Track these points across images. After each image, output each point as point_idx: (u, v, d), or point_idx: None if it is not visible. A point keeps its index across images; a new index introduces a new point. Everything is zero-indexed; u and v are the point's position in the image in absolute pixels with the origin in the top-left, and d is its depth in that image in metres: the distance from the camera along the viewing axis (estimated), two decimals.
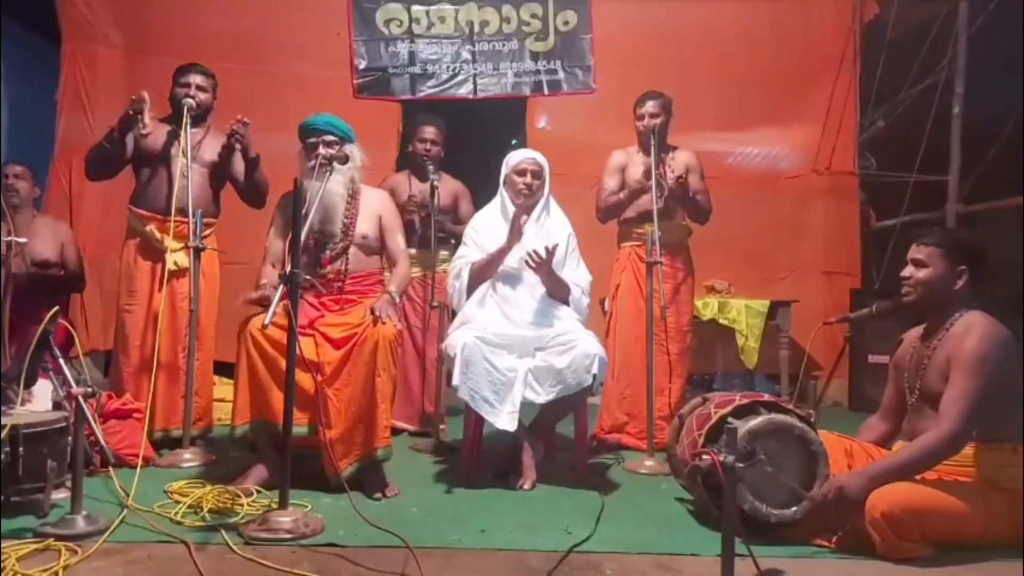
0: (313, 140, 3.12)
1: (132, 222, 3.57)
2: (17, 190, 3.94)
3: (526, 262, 3.14)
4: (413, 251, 3.87)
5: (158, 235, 3.45)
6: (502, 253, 3.23)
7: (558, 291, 3.27)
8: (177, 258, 3.42)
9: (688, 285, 4.00)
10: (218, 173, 3.61)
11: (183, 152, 3.34)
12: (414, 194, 4.10)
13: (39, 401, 2.67)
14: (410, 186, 4.17)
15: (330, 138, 3.12)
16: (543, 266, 3.13)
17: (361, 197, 3.24)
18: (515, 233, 3.18)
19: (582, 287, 3.34)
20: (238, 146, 3.44)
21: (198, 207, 3.39)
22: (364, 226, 3.20)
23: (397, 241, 3.29)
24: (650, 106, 3.81)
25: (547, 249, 3.11)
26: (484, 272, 3.29)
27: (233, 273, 3.84)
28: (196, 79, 3.55)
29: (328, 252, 3.13)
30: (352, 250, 3.16)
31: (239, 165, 3.60)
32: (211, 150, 3.57)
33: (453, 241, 3.97)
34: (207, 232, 3.56)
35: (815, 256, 5.64)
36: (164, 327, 3.38)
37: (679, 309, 3.93)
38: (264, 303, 2.74)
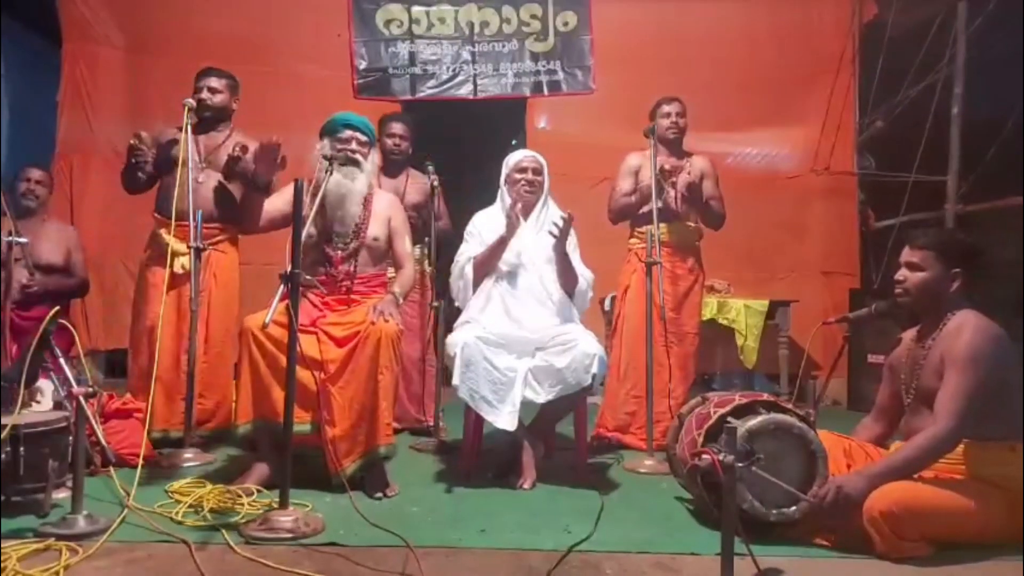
0: (347, 135, 3.14)
1: (155, 227, 3.62)
2: (37, 195, 3.95)
3: (550, 232, 3.17)
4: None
5: (167, 239, 3.44)
6: (503, 242, 3.25)
7: (568, 276, 3.28)
8: (183, 262, 3.42)
9: (698, 288, 4.00)
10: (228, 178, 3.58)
11: (184, 151, 3.33)
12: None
13: (44, 401, 2.67)
14: (379, 184, 4.15)
15: (363, 138, 3.17)
16: (563, 237, 3.17)
17: (373, 200, 3.25)
18: (511, 224, 3.21)
19: (587, 279, 3.37)
20: (237, 168, 3.42)
21: (212, 210, 3.43)
22: (375, 228, 3.21)
23: (404, 244, 3.30)
24: (676, 106, 3.93)
25: (563, 219, 3.14)
26: (486, 264, 3.30)
27: (250, 274, 3.85)
28: (209, 82, 3.60)
29: (339, 252, 3.14)
30: (362, 252, 3.17)
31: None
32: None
33: (427, 239, 3.94)
34: (222, 237, 3.59)
35: (814, 256, 5.66)
36: (172, 330, 3.43)
37: (690, 311, 3.94)
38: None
